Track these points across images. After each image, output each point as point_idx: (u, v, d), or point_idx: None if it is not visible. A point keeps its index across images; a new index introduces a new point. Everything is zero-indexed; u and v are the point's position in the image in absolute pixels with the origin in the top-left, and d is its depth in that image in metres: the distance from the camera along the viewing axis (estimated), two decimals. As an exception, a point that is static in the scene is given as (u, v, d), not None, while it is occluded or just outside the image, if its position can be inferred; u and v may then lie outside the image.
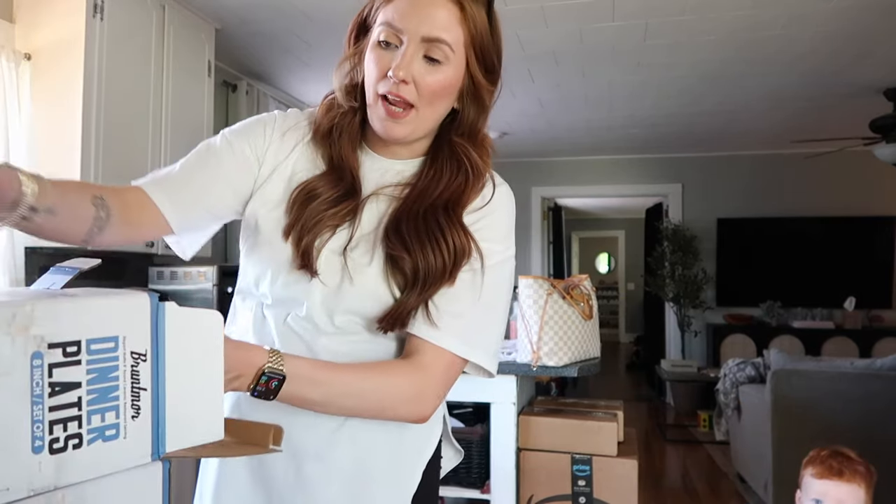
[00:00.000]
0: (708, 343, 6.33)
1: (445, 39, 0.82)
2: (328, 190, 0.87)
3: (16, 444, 0.39)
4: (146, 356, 0.45)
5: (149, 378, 0.46)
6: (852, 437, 3.18)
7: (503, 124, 5.39)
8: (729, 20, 3.24)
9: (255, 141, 0.92)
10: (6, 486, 0.38)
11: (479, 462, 2.32)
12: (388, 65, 0.82)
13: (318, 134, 0.92)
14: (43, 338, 0.40)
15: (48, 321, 0.40)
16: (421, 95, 0.83)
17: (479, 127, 0.92)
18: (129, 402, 0.44)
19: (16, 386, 0.39)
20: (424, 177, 0.90)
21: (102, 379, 0.43)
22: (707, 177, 6.49)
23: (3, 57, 2.50)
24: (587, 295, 2.30)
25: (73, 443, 0.41)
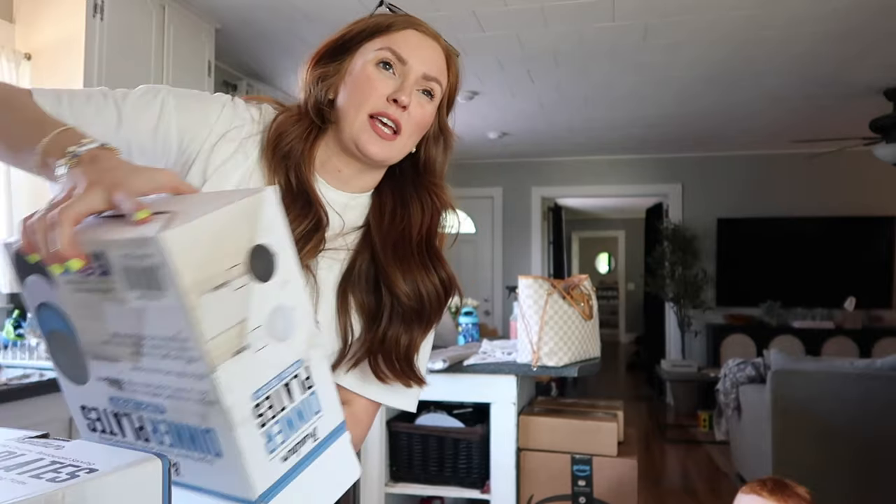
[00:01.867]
0: (708, 343, 6.33)
1: (440, 80, 0.88)
2: (298, 225, 0.83)
3: (254, 379, 0.50)
4: (316, 440, 0.57)
5: (306, 451, 0.56)
6: (852, 436, 3.19)
7: (503, 124, 5.39)
8: (728, 20, 3.24)
9: (189, 127, 0.83)
10: (229, 388, 0.48)
11: (479, 462, 2.32)
12: (388, 87, 0.83)
13: (274, 153, 0.86)
14: (309, 359, 0.55)
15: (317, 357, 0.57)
16: (411, 125, 0.86)
17: (443, 171, 0.96)
18: (290, 447, 0.54)
19: (284, 358, 0.53)
20: (384, 212, 0.91)
21: (299, 416, 0.54)
22: (707, 177, 6.49)
23: (3, 57, 2.50)
24: (587, 295, 2.30)
25: (261, 421, 0.51)
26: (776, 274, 6.26)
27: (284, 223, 0.53)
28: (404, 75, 0.84)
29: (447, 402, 2.40)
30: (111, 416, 0.57)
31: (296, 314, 0.53)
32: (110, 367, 0.54)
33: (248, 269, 0.49)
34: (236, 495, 0.51)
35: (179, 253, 0.45)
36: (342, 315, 0.86)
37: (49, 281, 0.54)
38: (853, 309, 5.93)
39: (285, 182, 0.85)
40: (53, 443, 0.52)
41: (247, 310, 0.49)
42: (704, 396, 5.65)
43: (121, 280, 0.48)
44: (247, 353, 0.49)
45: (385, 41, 0.85)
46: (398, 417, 2.45)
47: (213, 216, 0.48)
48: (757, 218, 6.33)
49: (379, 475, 2.36)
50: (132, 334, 0.50)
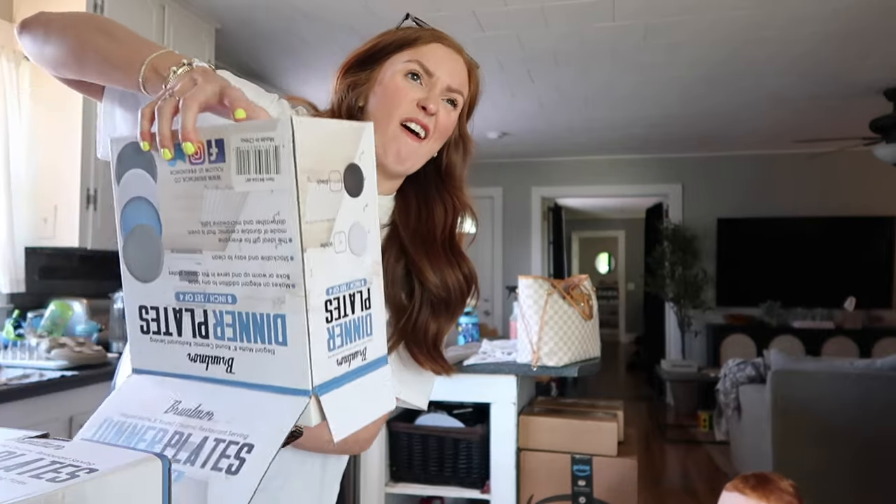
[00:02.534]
0: (708, 343, 6.33)
1: (463, 92, 0.94)
2: None
3: (327, 277, 0.55)
4: (365, 358, 0.60)
5: (357, 365, 0.59)
6: (852, 436, 3.19)
7: (503, 124, 5.39)
8: (729, 20, 3.24)
9: None
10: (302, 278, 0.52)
11: (479, 462, 2.32)
12: (417, 96, 0.89)
13: None
14: (371, 281, 0.60)
15: (376, 281, 0.61)
16: (436, 132, 0.92)
17: (463, 178, 1.02)
18: (345, 354, 0.57)
19: (354, 270, 0.58)
20: (409, 212, 0.98)
21: (355, 328, 0.58)
22: (707, 177, 6.49)
23: (3, 57, 2.50)
24: (587, 295, 2.30)
25: (327, 316, 0.55)
26: (776, 274, 6.26)
27: (374, 158, 0.59)
28: (431, 86, 0.90)
29: (447, 402, 2.40)
30: (172, 314, 0.60)
31: (369, 237, 0.59)
32: (189, 259, 0.58)
33: (343, 179, 0.56)
34: (292, 387, 0.54)
35: (304, 139, 0.51)
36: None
37: (152, 174, 0.59)
38: (853, 309, 5.93)
39: None
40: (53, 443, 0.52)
41: (336, 213, 0.55)
42: (704, 396, 5.65)
43: (233, 165, 0.54)
44: (330, 249, 0.54)
45: (413, 54, 0.91)
46: (398, 417, 2.45)
47: (330, 122, 0.56)
48: (757, 218, 6.33)
49: (379, 475, 2.36)
50: (225, 221, 0.55)
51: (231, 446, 0.55)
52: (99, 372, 2.17)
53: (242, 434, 0.55)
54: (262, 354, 0.55)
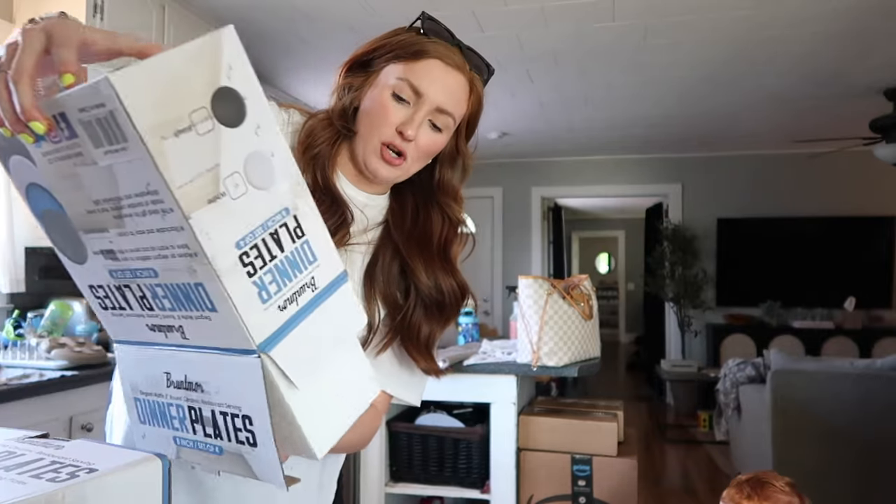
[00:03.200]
0: (708, 343, 6.33)
1: (454, 114, 0.91)
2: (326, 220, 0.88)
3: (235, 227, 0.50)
4: (315, 289, 0.57)
5: (305, 301, 0.56)
6: (852, 436, 3.19)
7: (503, 124, 5.39)
8: (729, 21, 3.24)
9: None
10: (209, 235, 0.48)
11: (479, 462, 2.32)
12: (399, 119, 0.88)
13: (305, 153, 0.91)
14: (297, 207, 0.55)
15: (305, 206, 0.56)
16: (416, 153, 0.90)
17: (457, 187, 1.00)
18: (286, 297, 0.54)
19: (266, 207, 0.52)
20: (405, 213, 0.98)
21: (292, 266, 0.54)
22: (707, 177, 6.49)
23: (4, 57, 2.50)
24: (587, 295, 2.30)
25: (249, 270, 0.51)
26: (776, 274, 6.26)
27: (249, 67, 0.50)
28: (417, 107, 0.88)
29: (447, 402, 2.40)
30: (115, 291, 0.58)
31: (274, 161, 0.52)
32: (101, 238, 0.54)
33: (214, 113, 0.47)
34: (237, 347, 0.52)
35: (132, 95, 0.43)
36: (370, 302, 0.92)
37: (29, 158, 0.53)
38: (853, 309, 5.93)
39: (312, 181, 0.90)
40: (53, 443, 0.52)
41: (218, 155, 0.47)
42: (704, 396, 5.65)
43: (86, 139, 0.47)
44: (223, 200, 0.48)
45: (407, 70, 0.88)
46: (398, 417, 2.45)
47: (163, 56, 0.46)
48: (757, 218, 6.33)
49: (379, 475, 2.36)
50: (111, 197, 0.49)
51: (235, 419, 0.56)
52: (99, 372, 2.17)
53: (236, 406, 0.56)
54: (202, 321, 0.53)
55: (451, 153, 0.97)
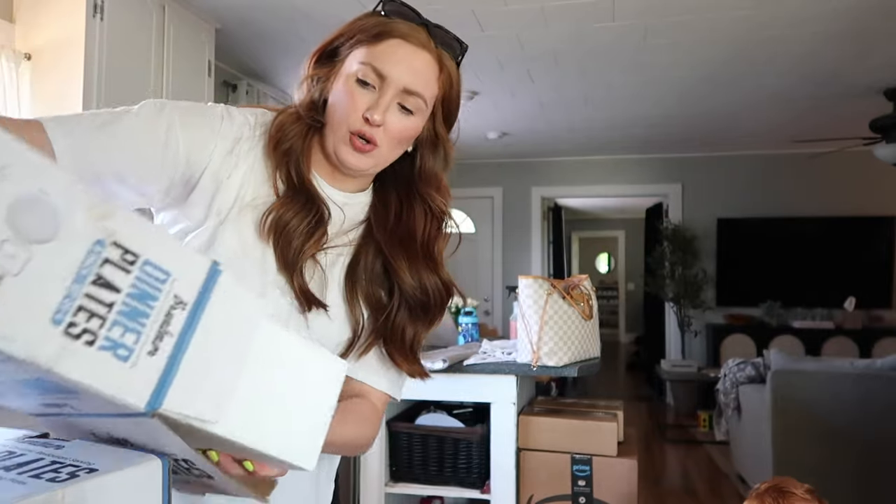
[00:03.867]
0: (708, 343, 6.33)
1: (422, 94, 0.86)
2: (301, 219, 0.87)
3: (42, 304, 0.38)
4: (185, 306, 0.45)
5: (179, 327, 0.44)
6: (852, 436, 3.19)
7: (503, 124, 5.39)
8: (729, 21, 3.24)
9: (194, 144, 0.85)
10: (12, 336, 0.36)
11: (479, 462, 2.32)
12: (365, 104, 0.84)
13: (276, 150, 0.89)
14: (113, 232, 0.41)
15: (123, 223, 0.42)
16: (388, 139, 0.86)
17: (439, 174, 0.96)
18: (152, 337, 0.43)
19: (70, 256, 0.39)
20: (388, 210, 0.95)
21: (140, 299, 0.42)
22: (707, 177, 6.49)
23: (3, 57, 2.50)
24: (587, 295, 2.30)
25: (87, 339, 0.40)
26: (776, 274, 6.26)
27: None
28: (382, 91, 0.84)
29: (447, 402, 2.39)
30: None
31: (51, 194, 0.39)
32: None
33: None
34: (129, 412, 0.44)
35: None
36: (352, 304, 0.90)
37: None
38: (853, 309, 5.93)
39: (287, 178, 0.88)
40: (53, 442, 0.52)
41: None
42: (704, 396, 5.65)
43: None
44: (6, 281, 0.37)
45: (369, 54, 0.85)
46: (398, 417, 2.45)
47: None
48: (757, 218, 6.33)
49: (379, 475, 2.36)
50: None
51: (178, 461, 0.53)
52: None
53: (172, 453, 0.51)
54: (79, 398, 0.45)
55: (430, 139, 0.93)
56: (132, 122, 0.83)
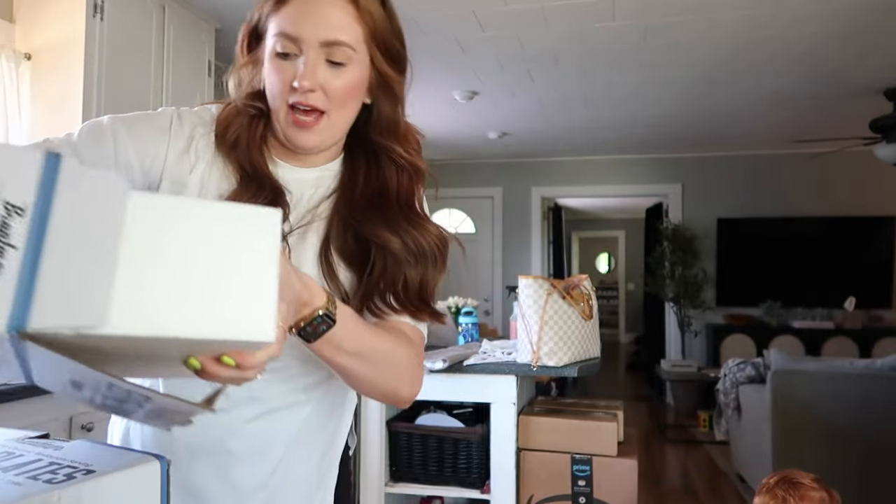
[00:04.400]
0: (708, 343, 6.33)
1: (344, 41, 0.81)
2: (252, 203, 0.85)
3: None
4: (23, 211, 0.40)
5: (23, 237, 0.40)
6: (852, 436, 3.19)
7: (503, 124, 5.39)
8: (729, 20, 3.24)
9: (147, 151, 0.84)
10: None
11: (479, 462, 2.32)
12: (292, 75, 0.80)
13: (223, 145, 0.87)
14: None
15: None
16: (331, 100, 0.82)
17: (397, 120, 0.90)
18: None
19: None
20: (356, 175, 0.90)
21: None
22: (707, 177, 6.49)
23: (3, 57, 2.50)
24: (587, 295, 2.29)
25: None
26: (776, 274, 6.26)
27: None
28: (303, 54, 0.80)
29: (447, 402, 2.39)
30: None
31: None
32: None
33: None
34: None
35: None
36: (330, 280, 0.86)
37: None
38: (853, 309, 5.92)
39: (237, 169, 0.86)
40: (53, 443, 0.52)
41: None
42: (704, 396, 5.65)
43: None
44: None
45: (279, 23, 0.81)
46: (398, 417, 2.45)
47: None
48: (757, 218, 6.33)
49: (379, 475, 2.36)
50: None
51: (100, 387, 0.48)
52: (99, 372, 2.16)
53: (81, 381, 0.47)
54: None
55: (379, 84, 0.87)
56: (76, 148, 0.81)
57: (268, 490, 0.90)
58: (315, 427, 0.93)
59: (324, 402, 0.93)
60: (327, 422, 0.95)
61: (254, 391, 0.86)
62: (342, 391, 0.96)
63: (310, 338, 0.70)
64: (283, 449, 0.90)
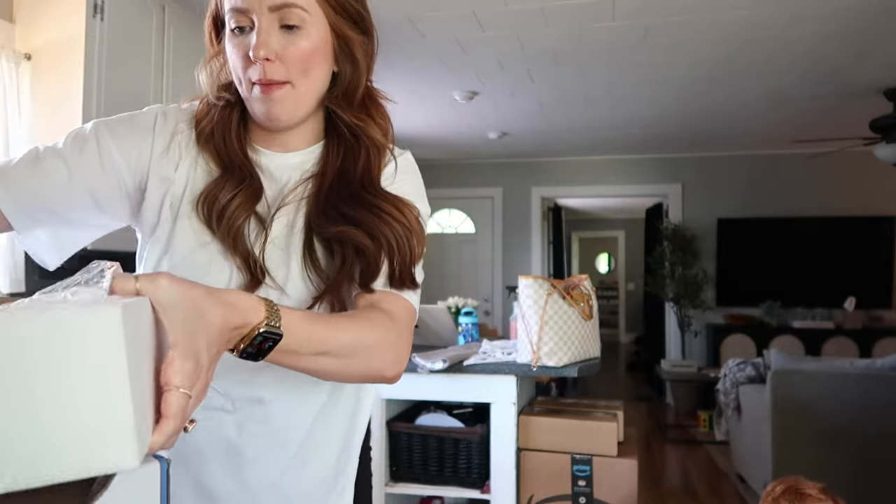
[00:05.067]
0: (708, 343, 6.33)
1: (296, 2, 0.78)
2: (223, 190, 0.84)
3: None
4: None
5: None
6: (852, 437, 3.19)
7: (503, 124, 5.39)
8: (729, 20, 3.24)
9: (131, 151, 0.85)
10: None
11: (479, 462, 2.32)
12: (248, 49, 0.79)
13: (200, 139, 0.87)
14: None
15: None
16: (290, 68, 0.80)
17: (356, 85, 0.86)
18: None
19: None
20: (332, 161, 0.88)
21: None
22: (707, 177, 6.49)
23: (3, 57, 2.50)
24: (587, 295, 2.29)
25: None
26: (776, 274, 6.26)
27: None
28: (257, 24, 0.78)
29: (447, 402, 2.40)
30: None
31: None
32: None
33: None
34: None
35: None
36: (312, 267, 0.85)
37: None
38: (853, 309, 5.92)
39: (218, 160, 0.86)
40: None
41: None
42: (704, 396, 5.65)
43: None
44: None
45: (229, 1, 0.81)
46: (398, 417, 2.45)
47: None
48: (757, 218, 6.33)
49: (379, 475, 2.36)
50: None
51: None
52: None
53: None
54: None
55: (339, 48, 0.83)
56: (63, 157, 0.82)
57: (280, 489, 0.89)
58: (327, 425, 0.92)
59: (334, 398, 0.92)
60: (340, 419, 0.94)
61: (259, 391, 0.86)
62: (353, 387, 0.94)
63: (256, 357, 0.65)
64: (293, 448, 0.89)
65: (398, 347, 0.81)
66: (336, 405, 0.92)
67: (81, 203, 0.83)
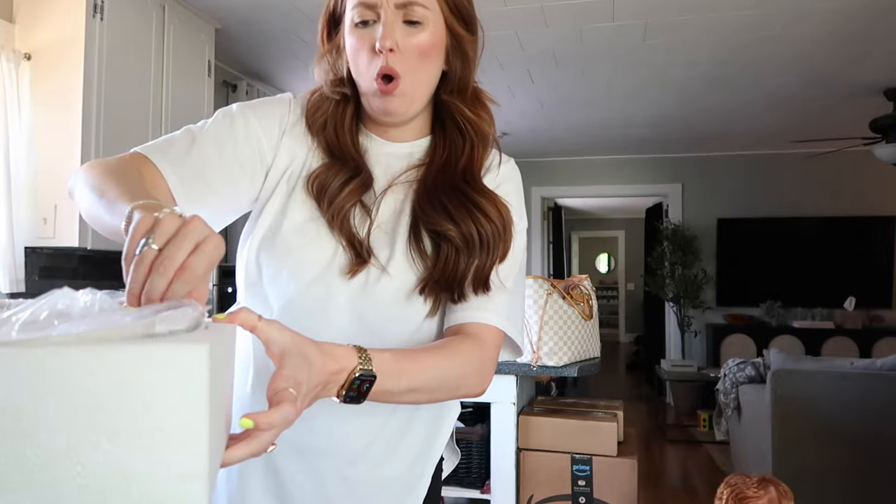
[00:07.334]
0: (708, 343, 6.33)
1: (420, 1, 0.82)
2: (335, 177, 0.87)
3: None
4: None
5: None
6: (852, 436, 3.19)
7: (503, 124, 5.38)
8: (729, 20, 3.24)
9: (272, 128, 0.90)
10: None
11: (479, 462, 2.32)
12: (372, 40, 0.82)
13: (312, 129, 0.91)
14: None
15: None
16: (407, 60, 0.83)
17: (466, 82, 0.91)
18: None
19: None
20: (438, 153, 0.92)
21: None
22: (707, 177, 6.49)
23: (3, 57, 2.50)
24: (587, 295, 2.29)
25: None
26: (776, 274, 6.26)
27: None
28: (380, 19, 0.82)
29: (447, 402, 2.39)
30: None
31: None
32: None
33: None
34: None
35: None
36: (416, 249, 0.87)
37: None
38: (853, 309, 5.93)
39: (327, 149, 0.90)
40: None
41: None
42: (704, 396, 5.65)
43: None
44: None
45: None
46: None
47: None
48: (757, 218, 6.33)
49: (379, 475, 2.36)
50: None
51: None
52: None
53: None
54: None
55: (452, 46, 0.88)
56: (215, 135, 0.87)
57: (349, 484, 0.90)
58: (404, 430, 0.93)
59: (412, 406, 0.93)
60: (417, 426, 0.95)
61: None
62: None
63: (357, 399, 0.71)
64: (364, 446, 0.90)
65: (482, 372, 0.86)
66: (412, 412, 0.94)
67: (232, 177, 0.87)
